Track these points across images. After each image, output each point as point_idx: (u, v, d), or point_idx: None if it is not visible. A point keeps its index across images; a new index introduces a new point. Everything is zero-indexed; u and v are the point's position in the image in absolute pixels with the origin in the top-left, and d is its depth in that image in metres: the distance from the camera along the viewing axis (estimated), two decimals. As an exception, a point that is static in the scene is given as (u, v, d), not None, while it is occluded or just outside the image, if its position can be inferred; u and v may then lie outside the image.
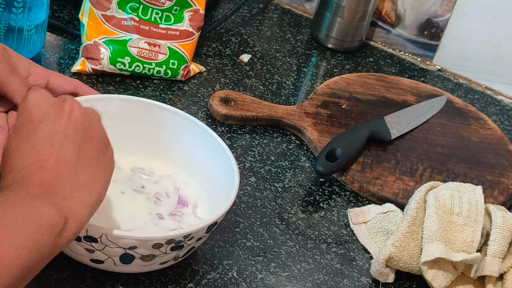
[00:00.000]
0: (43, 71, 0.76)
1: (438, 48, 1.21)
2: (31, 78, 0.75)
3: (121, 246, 0.65)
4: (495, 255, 0.76)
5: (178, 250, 0.68)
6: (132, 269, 0.69)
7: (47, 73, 0.77)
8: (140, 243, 0.65)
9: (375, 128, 0.96)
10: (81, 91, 0.78)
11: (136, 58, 0.96)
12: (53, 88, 0.77)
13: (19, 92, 0.72)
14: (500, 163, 0.99)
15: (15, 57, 0.75)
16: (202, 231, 0.68)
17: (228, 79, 1.04)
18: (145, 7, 0.98)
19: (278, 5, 1.27)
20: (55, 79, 0.77)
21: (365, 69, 1.16)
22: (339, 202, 0.89)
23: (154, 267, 0.70)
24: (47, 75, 0.77)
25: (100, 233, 0.64)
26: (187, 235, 0.66)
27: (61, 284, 0.69)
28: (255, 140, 0.95)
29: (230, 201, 0.70)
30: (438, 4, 1.18)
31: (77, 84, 0.78)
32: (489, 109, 1.14)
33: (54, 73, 0.78)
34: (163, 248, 0.66)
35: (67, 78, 0.78)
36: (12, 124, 0.75)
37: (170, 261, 0.70)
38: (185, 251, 0.69)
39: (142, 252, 0.66)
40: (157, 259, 0.67)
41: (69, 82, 0.78)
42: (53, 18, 1.05)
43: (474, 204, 0.79)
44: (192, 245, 0.69)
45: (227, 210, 0.70)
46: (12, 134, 0.61)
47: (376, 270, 0.78)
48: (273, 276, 0.76)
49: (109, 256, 0.66)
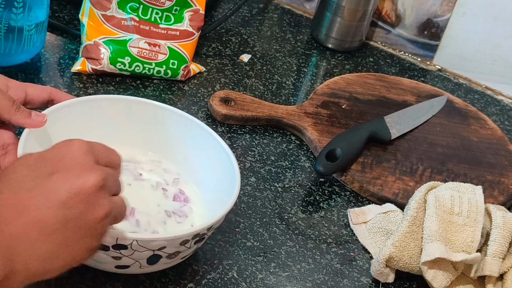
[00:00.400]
0: (20, 84, 0.76)
1: (438, 48, 1.21)
2: (10, 92, 0.75)
3: (151, 249, 0.66)
4: (495, 255, 0.76)
5: (199, 243, 0.70)
6: (156, 268, 0.70)
7: (24, 85, 0.77)
8: (169, 243, 0.66)
9: (375, 128, 0.96)
10: (56, 97, 0.77)
11: (136, 58, 0.96)
12: (31, 100, 0.77)
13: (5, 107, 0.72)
14: (500, 163, 0.99)
15: None
16: (221, 220, 0.70)
17: (228, 79, 1.04)
18: (145, 7, 0.98)
19: (278, 5, 1.27)
20: (32, 90, 0.77)
21: (365, 69, 1.16)
22: (339, 202, 0.89)
23: (175, 262, 0.71)
24: (25, 87, 0.77)
25: (131, 240, 0.64)
26: (210, 227, 0.68)
27: (61, 284, 0.69)
28: (255, 140, 0.95)
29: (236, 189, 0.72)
30: (438, 4, 1.18)
31: (51, 91, 0.77)
32: (489, 109, 1.14)
33: (30, 84, 0.77)
34: (189, 243, 0.68)
35: (42, 87, 0.78)
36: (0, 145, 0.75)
37: (190, 254, 0.72)
38: (203, 242, 0.72)
39: (169, 250, 0.67)
40: (180, 254, 0.69)
41: (44, 90, 0.77)
42: (53, 18, 1.05)
43: (474, 204, 0.79)
44: (209, 235, 0.72)
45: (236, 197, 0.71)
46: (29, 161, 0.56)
47: (376, 270, 0.78)
48: (273, 276, 0.76)
49: (137, 260, 0.67)
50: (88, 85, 0.95)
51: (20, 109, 0.73)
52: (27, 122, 0.73)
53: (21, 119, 0.73)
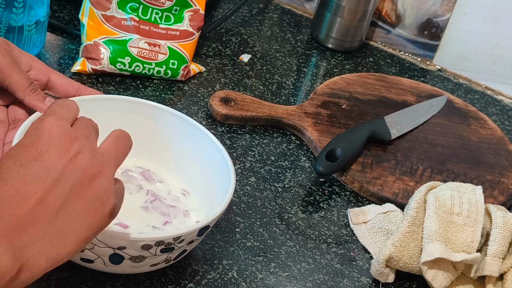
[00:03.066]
0: (44, 68, 0.76)
1: (438, 48, 1.21)
2: (32, 72, 0.75)
3: (110, 246, 0.64)
4: (495, 255, 0.76)
5: (168, 252, 0.67)
6: (122, 269, 0.68)
7: (48, 70, 0.77)
8: (128, 244, 0.64)
9: (375, 128, 0.96)
10: (84, 94, 0.78)
11: (136, 58, 0.96)
12: (54, 87, 0.77)
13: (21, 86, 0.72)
14: (500, 163, 0.99)
15: (17, 51, 0.74)
16: (193, 234, 0.67)
17: (228, 79, 1.04)
18: (145, 7, 0.98)
19: (278, 5, 1.27)
20: (56, 78, 0.77)
21: (365, 69, 1.16)
22: (339, 202, 0.89)
23: (144, 269, 0.69)
24: (48, 72, 0.77)
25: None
26: (177, 238, 0.65)
27: (61, 284, 0.69)
28: (255, 140, 0.95)
29: (223, 206, 0.69)
30: (438, 4, 1.18)
31: (79, 87, 0.78)
32: (489, 109, 1.14)
33: (56, 72, 0.78)
34: (153, 249, 0.65)
35: (70, 80, 0.78)
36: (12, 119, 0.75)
37: (161, 263, 0.69)
38: (176, 254, 0.68)
39: (131, 253, 0.65)
40: (147, 260, 0.67)
41: (72, 84, 0.77)
42: (53, 18, 1.05)
43: (474, 204, 0.79)
44: (183, 248, 0.68)
45: (219, 214, 0.69)
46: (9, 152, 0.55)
47: (376, 270, 0.78)
48: (273, 276, 0.76)
49: (99, 255, 0.65)
50: (88, 85, 0.95)
51: (36, 91, 0.73)
52: (38, 105, 0.73)
53: (33, 100, 0.73)
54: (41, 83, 0.76)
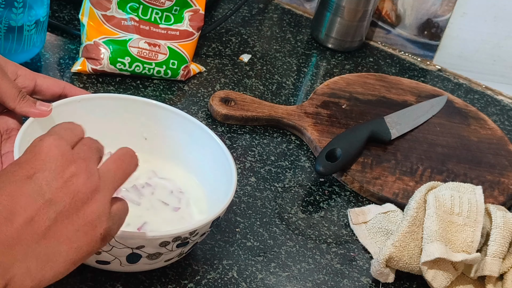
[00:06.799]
0: (30, 73, 0.76)
1: (438, 48, 1.21)
2: (19, 80, 0.75)
3: (129, 246, 0.65)
4: (495, 255, 0.76)
5: (183, 247, 0.69)
6: (138, 268, 0.69)
7: (34, 75, 0.77)
8: (148, 242, 0.65)
9: (375, 128, 0.96)
10: (70, 92, 0.77)
11: (136, 58, 0.96)
12: (40, 90, 0.77)
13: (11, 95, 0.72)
14: (500, 163, 0.99)
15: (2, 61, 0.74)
16: (206, 226, 0.68)
17: (228, 79, 1.04)
18: (145, 7, 0.98)
19: (278, 5, 1.27)
20: (42, 81, 0.77)
21: (365, 69, 1.16)
22: (339, 202, 0.89)
23: (159, 265, 0.70)
24: (35, 77, 0.77)
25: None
26: (192, 231, 0.67)
27: (61, 284, 0.69)
28: (255, 140, 0.95)
29: (230, 196, 0.71)
30: (438, 4, 1.18)
31: (65, 86, 0.77)
32: (489, 109, 1.14)
33: (41, 75, 0.77)
34: (170, 245, 0.67)
35: (55, 80, 0.78)
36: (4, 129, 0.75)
37: (174, 258, 0.70)
38: (189, 247, 0.70)
39: (149, 251, 0.66)
40: (163, 256, 0.68)
41: (57, 84, 0.77)
42: (53, 18, 1.05)
43: (474, 204, 0.79)
44: (196, 241, 0.70)
45: (228, 204, 0.70)
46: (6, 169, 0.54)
47: (376, 270, 0.78)
48: (273, 276, 0.76)
49: (116, 256, 0.66)
50: (88, 85, 0.95)
51: (25, 98, 0.73)
52: (30, 111, 0.73)
53: (25, 107, 0.72)
54: (29, 89, 0.76)
